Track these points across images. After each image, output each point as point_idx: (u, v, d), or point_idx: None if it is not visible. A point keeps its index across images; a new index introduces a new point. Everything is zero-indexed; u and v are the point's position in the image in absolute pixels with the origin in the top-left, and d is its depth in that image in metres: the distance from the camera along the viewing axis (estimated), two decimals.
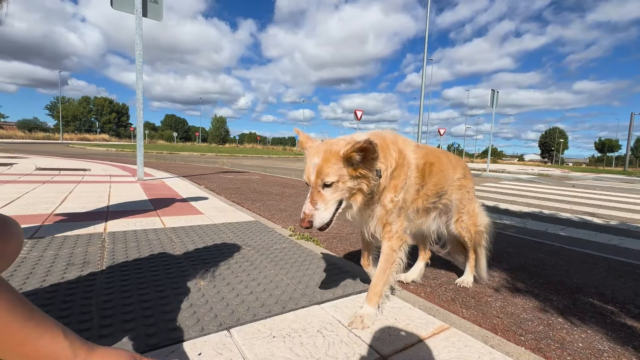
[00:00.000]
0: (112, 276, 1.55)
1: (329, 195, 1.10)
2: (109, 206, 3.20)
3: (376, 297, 1.31)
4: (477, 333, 1.26)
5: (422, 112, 16.33)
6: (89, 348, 0.61)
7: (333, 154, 1.09)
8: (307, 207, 1.09)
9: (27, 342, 0.55)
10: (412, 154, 1.39)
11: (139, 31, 5.27)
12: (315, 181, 1.09)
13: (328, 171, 1.08)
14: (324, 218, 1.09)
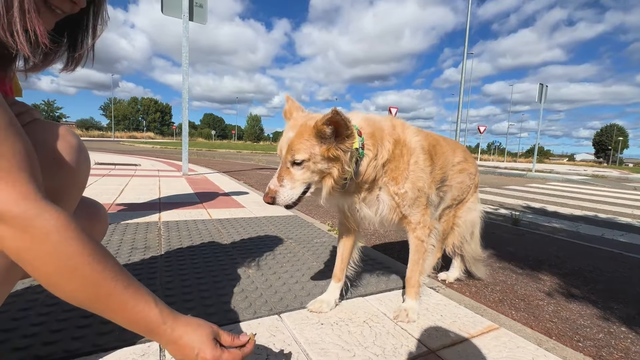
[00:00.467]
0: (170, 260, 1.69)
1: (298, 175, 1.01)
2: (160, 198, 3.45)
3: (415, 289, 1.31)
4: (529, 335, 1.21)
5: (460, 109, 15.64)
6: (175, 316, 0.69)
7: (307, 128, 0.99)
8: (272, 182, 1.01)
9: (127, 307, 0.62)
10: (414, 137, 1.27)
11: (185, 34, 5.60)
12: (285, 157, 1.01)
13: (299, 147, 0.98)
14: (289, 196, 1.01)
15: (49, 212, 0.54)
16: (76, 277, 0.57)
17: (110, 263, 0.62)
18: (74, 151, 0.74)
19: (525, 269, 2.20)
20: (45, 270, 0.55)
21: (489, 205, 5.07)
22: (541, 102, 13.16)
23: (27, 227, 0.52)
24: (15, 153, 0.53)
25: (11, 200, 0.51)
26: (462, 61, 15.39)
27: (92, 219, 0.99)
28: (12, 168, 0.52)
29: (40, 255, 0.54)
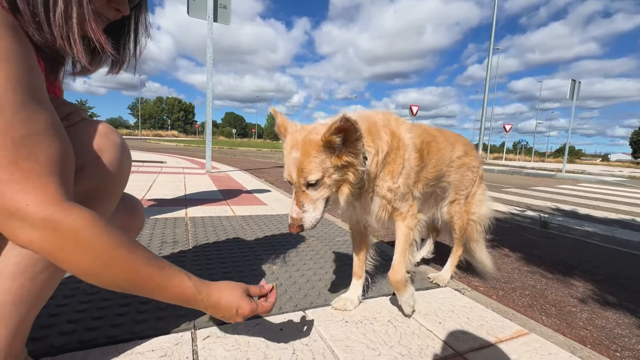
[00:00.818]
0: (198, 255, 1.76)
1: (316, 194, 0.97)
2: (186, 195, 3.58)
3: (402, 284, 1.22)
4: (562, 342, 1.17)
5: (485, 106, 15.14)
6: (207, 284, 0.77)
7: (313, 144, 0.94)
8: (294, 211, 0.97)
9: (164, 286, 0.69)
10: (407, 133, 1.23)
11: (210, 35, 5.74)
12: (298, 181, 0.96)
13: (310, 167, 0.93)
14: (315, 219, 0.98)
15: (75, 213, 0.57)
16: (113, 266, 0.62)
17: (141, 250, 0.67)
18: (117, 149, 0.79)
19: (556, 274, 2.11)
20: (83, 265, 0.59)
21: (515, 207, 4.89)
22: (573, 99, 12.51)
23: (55, 229, 0.55)
24: (48, 157, 0.56)
25: (39, 204, 0.53)
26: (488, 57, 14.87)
27: (131, 213, 1.04)
28: (43, 172, 0.55)
29: (75, 253, 0.58)
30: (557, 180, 10.92)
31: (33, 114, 0.55)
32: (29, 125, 0.54)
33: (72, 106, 0.79)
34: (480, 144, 15.69)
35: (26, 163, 0.53)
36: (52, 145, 0.57)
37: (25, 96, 0.54)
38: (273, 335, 1.07)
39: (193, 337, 1.04)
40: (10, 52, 0.53)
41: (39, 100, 0.57)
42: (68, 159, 0.61)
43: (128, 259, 0.63)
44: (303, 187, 0.97)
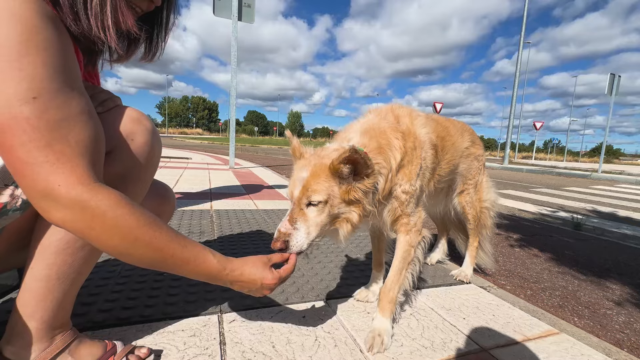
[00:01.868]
0: (223, 245, 1.82)
1: (313, 216, 0.90)
2: (211, 189, 3.69)
3: (391, 305, 1.08)
4: (595, 344, 1.12)
5: (514, 103, 14.53)
6: (230, 260, 0.79)
7: (323, 167, 0.90)
8: (283, 225, 0.89)
9: (190, 262, 0.71)
10: (422, 128, 1.15)
11: (234, 34, 5.86)
12: (300, 197, 0.90)
13: (316, 187, 0.88)
14: (303, 242, 0.89)
15: (102, 193, 0.60)
16: (140, 244, 0.64)
17: (165, 229, 0.69)
18: (149, 133, 0.83)
19: (590, 276, 2.01)
20: (112, 243, 0.62)
21: (545, 207, 4.67)
22: (612, 94, 11.72)
23: (85, 208, 0.58)
24: (80, 140, 0.59)
25: (70, 184, 0.57)
26: (518, 51, 14.24)
27: (162, 199, 1.10)
28: (74, 154, 0.58)
29: (104, 231, 0.60)
30: (592, 180, 10.30)
31: (67, 99, 0.59)
32: (63, 110, 0.58)
33: (107, 93, 0.84)
34: (508, 142, 15.07)
35: (59, 146, 0.57)
36: (84, 129, 0.61)
37: (61, 83, 0.58)
38: (296, 322, 1.10)
39: (220, 320, 1.08)
40: (49, 41, 0.57)
41: (74, 87, 0.61)
42: (99, 143, 0.65)
43: (153, 237, 0.65)
44: (303, 205, 0.90)
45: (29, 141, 0.55)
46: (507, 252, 2.41)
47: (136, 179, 0.82)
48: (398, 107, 1.19)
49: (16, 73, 0.54)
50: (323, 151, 0.98)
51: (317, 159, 0.94)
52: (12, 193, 0.65)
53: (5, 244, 0.74)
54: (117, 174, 0.76)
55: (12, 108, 0.53)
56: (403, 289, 1.13)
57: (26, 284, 0.72)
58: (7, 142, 0.54)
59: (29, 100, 0.54)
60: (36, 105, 0.55)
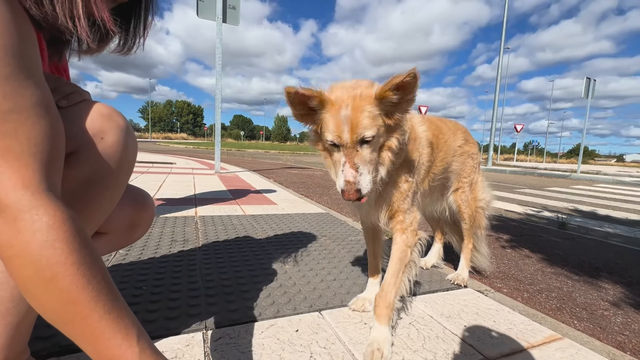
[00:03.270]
0: (209, 253, 1.71)
1: (369, 154, 0.86)
2: (195, 194, 3.55)
3: (388, 311, 1.02)
4: (599, 348, 1.08)
5: (496, 107, 14.92)
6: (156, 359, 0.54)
7: (365, 98, 0.84)
8: (349, 174, 0.83)
9: (101, 337, 0.50)
10: (420, 126, 1.15)
11: (219, 36, 5.75)
12: (351, 137, 0.83)
13: (366, 122, 0.83)
14: (370, 182, 0.86)
15: (45, 207, 0.48)
16: (53, 288, 0.48)
17: (97, 279, 0.51)
18: (121, 132, 0.73)
19: (582, 276, 2.00)
20: (23, 273, 0.47)
21: (530, 208, 4.74)
22: (588, 97, 12.19)
23: (16, 219, 0.46)
24: (32, 137, 0.49)
25: (9, 186, 0.46)
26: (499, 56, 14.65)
27: (140, 207, 1.00)
28: (24, 153, 0.48)
29: (21, 255, 0.47)
30: (572, 181, 10.63)
31: (20, 88, 0.50)
32: (13, 100, 0.49)
33: (74, 86, 0.74)
34: (491, 145, 15.43)
35: (5, 140, 0.47)
36: (38, 124, 0.51)
37: (13, 68, 0.49)
38: (289, 338, 1.01)
39: (205, 338, 0.98)
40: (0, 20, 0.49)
41: (30, 75, 0.52)
42: (56, 143, 0.54)
43: (73, 283, 0.48)
44: (357, 146, 0.85)
45: None
46: (499, 253, 2.39)
47: (106, 183, 0.72)
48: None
49: None
50: (347, 83, 0.92)
51: (352, 92, 0.86)
52: None
53: None
54: (83, 178, 0.66)
55: None
56: (400, 294, 1.07)
57: None
58: None
59: None
60: None
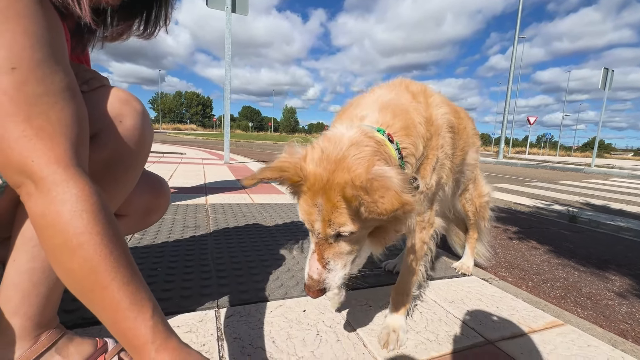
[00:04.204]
0: (219, 239, 1.77)
1: (347, 247, 0.73)
2: (205, 183, 3.63)
3: (405, 302, 1.04)
4: (600, 334, 1.10)
5: (508, 98, 14.59)
6: (167, 336, 0.55)
7: (339, 187, 0.66)
8: (314, 270, 0.72)
9: (118, 307, 0.52)
10: (439, 109, 0.97)
11: (228, 26, 5.75)
12: (324, 231, 0.70)
13: (342, 220, 0.67)
14: (342, 278, 0.74)
15: (74, 180, 0.52)
16: (78, 256, 0.51)
17: (118, 252, 0.54)
18: (139, 116, 0.77)
19: (589, 267, 2.00)
20: (53, 241, 0.51)
21: (541, 201, 4.69)
22: (605, 88, 11.82)
23: (49, 191, 0.50)
24: (62, 118, 0.54)
25: (43, 162, 0.51)
26: (513, 46, 14.27)
27: (157, 193, 1.05)
28: (55, 132, 0.52)
29: (52, 224, 0.50)
30: (586, 174, 10.41)
31: (50, 73, 0.54)
32: (45, 84, 0.53)
33: (93, 72, 0.78)
34: (502, 137, 15.16)
35: (38, 121, 0.51)
36: (66, 107, 0.55)
37: (44, 54, 0.53)
38: (296, 317, 1.06)
39: (217, 315, 1.04)
40: (31, 9, 0.52)
41: (58, 61, 0.56)
42: (82, 125, 0.58)
43: (97, 252, 0.52)
44: (331, 239, 0.71)
45: (6, 115, 0.49)
46: (506, 244, 2.40)
47: (125, 165, 0.77)
48: (411, 83, 1.01)
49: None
50: (335, 148, 0.70)
51: (330, 168, 0.67)
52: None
53: None
54: (104, 160, 0.71)
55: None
56: (417, 284, 1.08)
57: (8, 278, 0.67)
58: None
59: (7, 70, 0.49)
60: (15, 76, 0.50)
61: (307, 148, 0.73)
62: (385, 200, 0.60)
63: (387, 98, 0.90)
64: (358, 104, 0.91)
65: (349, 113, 0.89)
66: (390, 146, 0.77)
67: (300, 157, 0.72)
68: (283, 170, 0.69)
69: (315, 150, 0.71)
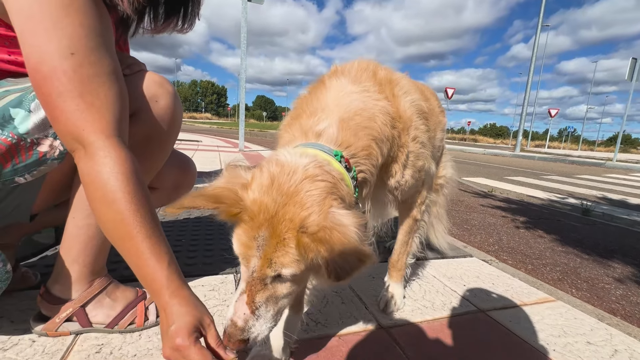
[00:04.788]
0: None
1: (283, 293, 0.62)
2: (221, 169, 3.78)
3: (401, 272, 1.12)
4: (590, 310, 1.18)
5: (529, 89, 14.15)
6: (180, 285, 0.63)
7: (291, 225, 0.57)
8: (239, 314, 0.59)
9: (141, 255, 0.61)
10: (407, 97, 0.89)
11: (244, 15, 5.82)
12: (260, 270, 0.59)
13: (286, 260, 0.57)
14: (268, 329, 0.62)
15: (114, 147, 0.63)
16: (112, 210, 0.62)
17: (145, 210, 0.64)
18: (171, 97, 0.89)
19: (593, 255, 2.04)
20: (94, 195, 0.63)
21: (555, 194, 4.64)
22: (632, 79, 11.29)
23: (94, 155, 0.62)
24: (108, 96, 0.65)
25: (91, 131, 0.62)
26: (535, 35, 13.74)
27: (184, 170, 1.18)
28: (102, 107, 0.64)
29: (94, 181, 0.62)
30: (606, 169, 10.09)
31: (100, 58, 0.66)
32: (96, 67, 0.65)
33: (133, 59, 0.91)
34: (521, 130, 14.77)
35: (89, 97, 0.63)
36: (112, 87, 0.67)
37: (96, 43, 0.65)
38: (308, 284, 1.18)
39: (236, 278, 1.17)
40: (87, 6, 0.64)
41: (107, 48, 0.68)
42: (124, 103, 0.70)
43: (127, 207, 0.62)
44: (267, 280, 0.60)
45: (65, 91, 0.61)
46: (511, 232, 2.45)
47: (159, 140, 0.89)
48: (377, 68, 0.90)
49: (59, 32, 0.60)
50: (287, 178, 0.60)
51: (282, 201, 0.58)
52: (51, 143, 0.73)
53: (47, 193, 0.82)
54: (142, 135, 0.83)
55: (54, 61, 0.60)
56: (411, 254, 1.16)
57: (68, 232, 0.81)
58: (47, 91, 0.62)
59: (67, 55, 0.61)
60: (73, 60, 0.62)
61: (254, 172, 0.63)
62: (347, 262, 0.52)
63: (351, 103, 0.77)
64: (314, 109, 0.77)
65: (304, 123, 0.76)
66: (347, 177, 0.68)
67: (242, 184, 0.61)
68: (218, 200, 0.58)
69: (264, 176, 0.61)
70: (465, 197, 3.81)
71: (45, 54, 0.60)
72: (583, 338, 1.00)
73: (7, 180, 0.71)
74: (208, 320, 0.63)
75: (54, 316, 0.80)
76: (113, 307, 0.85)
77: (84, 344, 0.79)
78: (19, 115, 0.68)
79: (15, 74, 0.74)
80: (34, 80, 0.62)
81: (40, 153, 0.71)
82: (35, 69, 0.61)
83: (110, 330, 0.84)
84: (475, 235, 2.28)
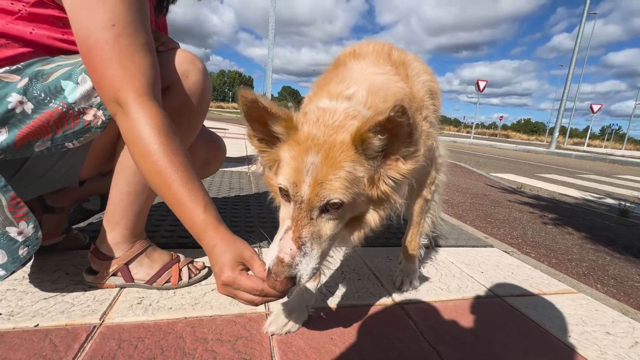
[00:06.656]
0: (260, 200, 1.99)
1: (329, 228, 0.62)
2: (247, 155, 3.91)
3: (414, 252, 1.13)
4: (613, 305, 1.15)
5: (569, 83, 13.25)
6: (217, 226, 0.69)
7: (344, 147, 0.59)
8: (286, 250, 0.59)
9: (180, 202, 0.68)
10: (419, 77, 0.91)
11: (273, 4, 5.88)
12: (311, 196, 0.59)
13: (337, 185, 0.58)
14: (314, 269, 0.61)
15: (147, 105, 0.70)
16: (148, 161, 0.69)
17: (178, 159, 0.70)
18: (201, 73, 0.95)
19: (625, 255, 1.95)
20: (132, 149, 0.71)
21: (591, 193, 4.40)
22: None
23: (130, 112, 0.69)
24: (142, 64, 0.72)
25: (127, 91, 0.69)
26: (580, 24, 12.78)
27: (215, 145, 1.26)
28: (137, 72, 0.71)
29: (131, 136, 0.70)
30: None
31: (137, 30, 0.73)
32: (133, 38, 0.72)
33: (167, 37, 0.99)
34: (557, 126, 13.93)
35: (125, 63, 0.71)
36: (145, 57, 0.74)
37: (133, 17, 0.72)
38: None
39: (259, 251, 1.25)
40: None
41: (143, 22, 0.75)
42: (156, 72, 0.77)
43: (161, 158, 0.68)
44: (315, 212, 0.60)
45: (107, 59, 0.69)
46: (537, 227, 2.38)
47: (190, 114, 0.96)
48: (392, 50, 0.92)
49: (102, 6, 0.68)
50: (331, 117, 0.63)
51: (329, 132, 0.60)
52: (95, 113, 0.81)
53: (93, 162, 0.92)
54: (175, 107, 0.90)
55: (97, 33, 0.68)
56: (424, 234, 1.17)
57: (112, 198, 0.90)
58: (92, 61, 0.70)
59: (109, 27, 0.69)
60: (114, 31, 0.69)
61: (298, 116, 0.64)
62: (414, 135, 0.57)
63: (376, 79, 0.79)
64: (343, 77, 0.78)
65: (332, 89, 0.76)
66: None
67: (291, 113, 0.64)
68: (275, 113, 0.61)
69: (309, 116, 0.63)
70: (491, 191, 3.71)
71: (90, 26, 0.68)
72: (602, 328, 0.99)
73: (59, 145, 0.80)
74: (249, 253, 0.67)
75: (102, 270, 0.91)
76: (151, 267, 0.95)
77: (127, 296, 0.90)
78: (69, 87, 0.76)
79: (67, 51, 0.83)
80: (82, 52, 0.70)
81: (85, 122, 0.80)
82: (83, 42, 0.69)
83: (149, 286, 0.94)
84: (498, 228, 2.24)
